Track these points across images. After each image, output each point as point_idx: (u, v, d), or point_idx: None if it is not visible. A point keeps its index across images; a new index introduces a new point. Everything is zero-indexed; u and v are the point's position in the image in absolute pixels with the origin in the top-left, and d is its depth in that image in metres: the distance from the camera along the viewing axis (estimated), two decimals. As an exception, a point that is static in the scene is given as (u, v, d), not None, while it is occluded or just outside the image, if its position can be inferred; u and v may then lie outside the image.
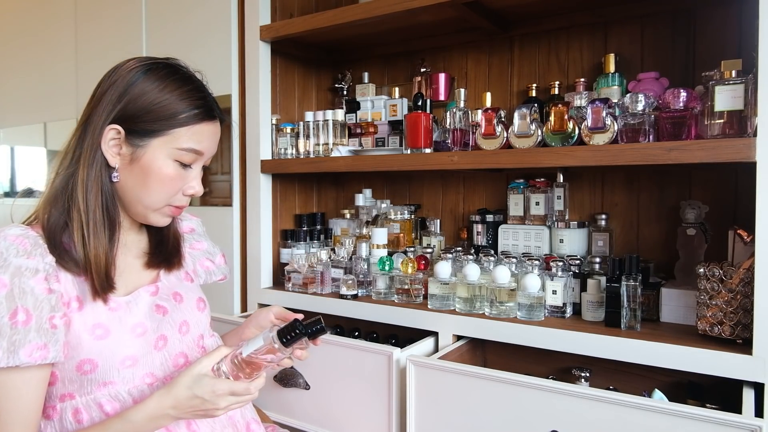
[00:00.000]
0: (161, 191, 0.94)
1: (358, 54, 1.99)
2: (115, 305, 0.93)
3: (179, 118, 0.92)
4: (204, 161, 0.99)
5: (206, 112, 0.95)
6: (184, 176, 0.95)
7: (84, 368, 0.88)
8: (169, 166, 0.93)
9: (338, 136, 1.76)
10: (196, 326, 1.05)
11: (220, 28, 1.92)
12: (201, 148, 0.95)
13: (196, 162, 0.97)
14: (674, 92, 1.18)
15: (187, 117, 0.93)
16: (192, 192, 0.98)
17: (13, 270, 0.83)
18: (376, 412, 1.30)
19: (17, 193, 3.04)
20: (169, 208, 0.97)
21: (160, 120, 0.92)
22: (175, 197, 0.97)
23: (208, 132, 0.96)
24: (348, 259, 1.65)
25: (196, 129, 0.94)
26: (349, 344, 1.35)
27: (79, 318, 0.88)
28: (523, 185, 1.61)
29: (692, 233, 1.36)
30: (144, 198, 0.94)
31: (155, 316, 0.97)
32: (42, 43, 2.75)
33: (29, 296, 0.83)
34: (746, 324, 1.09)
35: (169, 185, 0.94)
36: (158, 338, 0.96)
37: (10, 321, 0.81)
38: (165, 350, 0.97)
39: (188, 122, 0.93)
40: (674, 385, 1.24)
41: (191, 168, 0.96)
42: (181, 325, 1.01)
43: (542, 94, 1.62)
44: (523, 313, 1.31)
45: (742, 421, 0.93)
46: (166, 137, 0.92)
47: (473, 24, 1.64)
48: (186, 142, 0.93)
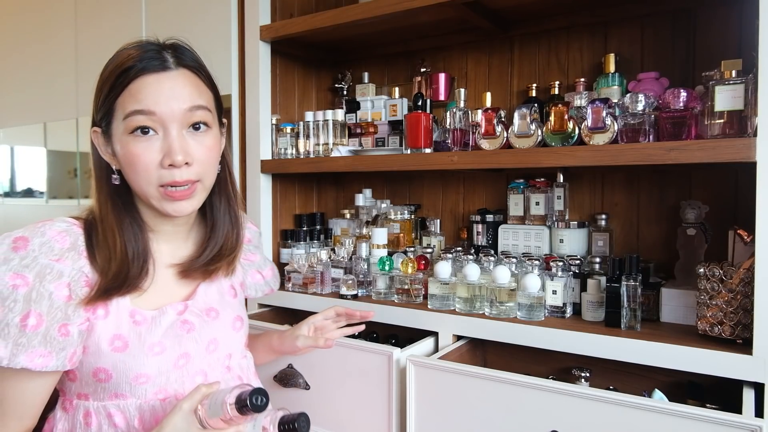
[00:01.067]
0: (139, 173, 0.85)
1: (358, 54, 1.99)
2: (141, 319, 0.89)
3: (115, 85, 0.84)
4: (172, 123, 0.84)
5: (139, 66, 0.83)
6: (150, 147, 0.84)
7: (99, 376, 0.87)
8: (129, 142, 0.84)
9: (338, 136, 1.76)
10: (227, 345, 0.99)
11: (220, 28, 1.92)
12: (144, 106, 0.83)
13: (158, 125, 0.84)
14: (674, 92, 1.18)
15: (120, 81, 0.84)
16: (169, 161, 0.84)
17: (39, 270, 0.82)
18: (376, 412, 1.30)
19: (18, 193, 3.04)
20: (164, 190, 0.86)
21: (106, 98, 0.85)
22: (159, 175, 0.85)
23: (148, 85, 0.83)
24: (348, 259, 1.65)
25: (132, 88, 0.83)
26: (349, 344, 1.35)
27: (102, 325, 0.86)
28: (523, 185, 1.61)
29: (692, 233, 1.36)
30: (137, 189, 0.88)
31: (178, 332, 0.92)
32: (42, 43, 2.75)
33: (45, 301, 0.81)
34: (746, 324, 1.09)
35: (141, 163, 0.84)
36: (180, 356, 0.91)
37: (20, 323, 0.80)
38: (185, 368, 0.92)
39: (121, 86, 0.83)
40: (674, 385, 1.24)
41: (156, 133, 0.84)
42: (209, 343, 0.96)
43: (542, 94, 1.62)
44: (523, 313, 1.31)
45: (742, 421, 0.93)
46: (116, 113, 0.85)
47: (473, 24, 1.64)
48: (128, 107, 0.83)
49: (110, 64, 0.88)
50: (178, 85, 0.85)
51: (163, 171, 0.85)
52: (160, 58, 0.85)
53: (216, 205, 1.00)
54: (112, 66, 0.87)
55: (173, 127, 0.85)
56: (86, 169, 2.67)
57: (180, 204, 0.88)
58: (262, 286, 1.20)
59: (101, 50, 2.46)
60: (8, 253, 0.82)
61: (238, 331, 1.03)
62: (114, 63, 0.87)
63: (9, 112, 2.97)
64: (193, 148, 0.87)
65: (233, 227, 1.01)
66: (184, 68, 0.87)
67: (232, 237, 1.01)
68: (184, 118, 0.86)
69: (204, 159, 0.88)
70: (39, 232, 0.84)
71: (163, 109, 0.84)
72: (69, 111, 2.63)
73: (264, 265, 1.22)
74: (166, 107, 0.84)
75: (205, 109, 0.88)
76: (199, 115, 0.87)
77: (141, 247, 0.90)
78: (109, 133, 0.87)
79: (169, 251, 0.97)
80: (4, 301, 0.80)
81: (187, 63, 0.88)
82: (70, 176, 2.74)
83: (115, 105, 0.85)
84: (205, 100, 0.89)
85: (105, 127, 0.88)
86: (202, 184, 0.90)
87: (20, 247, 0.82)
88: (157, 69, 0.84)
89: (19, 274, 0.81)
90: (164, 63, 0.85)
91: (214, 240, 0.99)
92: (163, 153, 0.84)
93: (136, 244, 0.90)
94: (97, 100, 0.88)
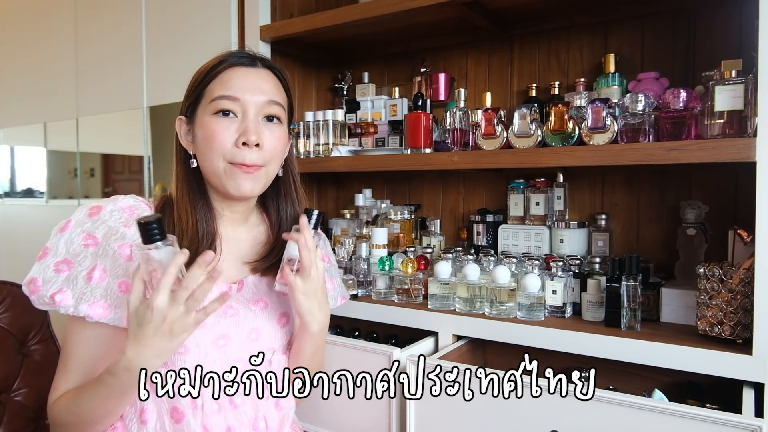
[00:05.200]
0: (214, 149, 0.94)
1: (358, 54, 1.99)
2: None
3: (207, 76, 0.96)
4: (252, 110, 0.95)
5: (232, 60, 0.96)
6: (229, 127, 0.94)
7: None
8: (211, 121, 0.94)
9: (338, 136, 1.76)
10: (270, 338, 1.01)
11: (220, 28, 1.92)
12: (231, 92, 0.94)
13: (239, 110, 0.95)
14: (674, 92, 1.18)
15: (213, 71, 0.96)
16: (245, 140, 0.93)
17: (106, 231, 0.91)
18: (377, 412, 1.30)
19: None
20: (232, 167, 0.94)
21: (196, 88, 0.97)
22: (232, 152, 0.93)
23: (237, 76, 0.95)
24: (348, 259, 1.65)
25: (223, 77, 0.95)
26: (349, 344, 1.35)
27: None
28: (523, 185, 1.61)
29: (692, 233, 1.36)
30: (208, 166, 0.95)
31: (220, 312, 0.93)
32: (42, 43, 2.75)
33: (109, 257, 0.89)
34: (746, 324, 1.09)
35: (217, 140, 0.93)
36: (219, 336, 0.94)
37: (87, 275, 0.88)
38: (225, 350, 0.94)
39: (214, 75, 0.95)
40: (674, 385, 1.24)
41: (236, 117, 0.94)
42: (251, 331, 0.98)
43: (542, 94, 1.62)
44: (523, 313, 1.31)
45: (742, 421, 0.93)
46: (203, 100, 0.96)
47: (473, 24, 1.64)
48: (216, 92, 0.94)
49: (204, 64, 0.99)
50: (262, 80, 0.98)
51: (236, 150, 0.94)
52: (250, 57, 0.99)
53: (282, 207, 1.08)
54: (205, 65, 0.99)
55: (251, 113, 0.95)
56: (86, 169, 2.67)
57: (244, 182, 0.95)
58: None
59: (101, 50, 2.46)
60: (84, 218, 0.93)
61: (282, 327, 1.04)
62: (208, 62, 0.99)
63: (9, 112, 2.97)
64: (265, 135, 0.96)
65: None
66: (268, 69, 1.00)
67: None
68: (262, 108, 0.96)
69: (272, 147, 0.97)
70: (111, 201, 0.95)
71: (247, 96, 0.95)
72: (69, 111, 2.63)
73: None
74: (249, 95, 0.95)
75: (280, 105, 0.99)
76: (274, 109, 0.98)
77: (210, 227, 0.97)
78: (194, 117, 0.97)
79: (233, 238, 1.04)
80: (76, 257, 0.90)
81: (271, 66, 1.01)
82: (70, 176, 2.74)
83: (204, 91, 0.96)
84: (281, 99, 1.00)
85: (190, 113, 0.98)
86: (266, 170, 0.98)
87: (94, 213, 0.93)
88: (246, 64, 0.97)
89: (90, 234, 0.91)
90: (253, 61, 0.99)
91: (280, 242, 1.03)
92: (239, 133, 0.94)
93: (206, 224, 0.97)
94: (188, 93, 0.99)
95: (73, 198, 2.74)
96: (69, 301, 0.87)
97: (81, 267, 0.89)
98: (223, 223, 1.02)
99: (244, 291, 1.01)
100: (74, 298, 0.87)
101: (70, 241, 0.91)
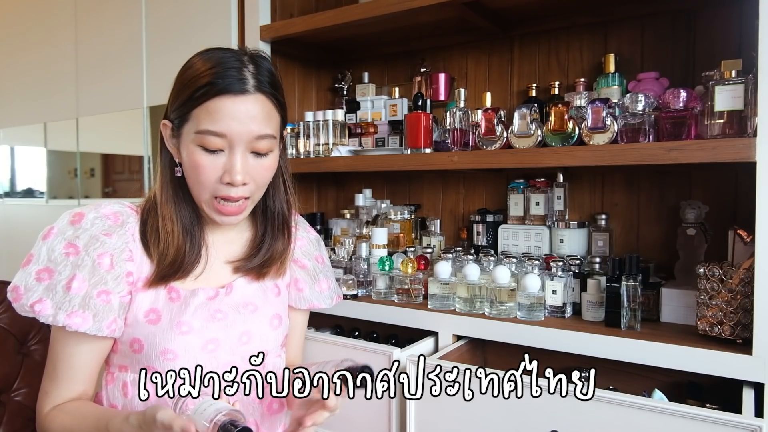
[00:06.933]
0: (199, 182, 0.90)
1: (358, 54, 1.99)
2: (176, 296, 0.94)
3: (194, 96, 0.87)
4: (240, 147, 0.88)
5: (221, 85, 0.85)
6: (215, 162, 0.88)
7: (134, 346, 0.92)
8: (195, 153, 0.88)
9: (338, 136, 1.76)
10: (261, 341, 1.00)
11: (220, 28, 1.92)
12: (218, 128, 0.86)
13: (226, 146, 0.87)
14: (674, 92, 1.18)
15: (200, 94, 0.86)
16: (228, 180, 0.88)
17: (87, 240, 0.90)
18: (377, 412, 1.30)
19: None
20: (216, 202, 0.91)
21: (183, 104, 0.89)
22: (216, 187, 0.89)
23: (227, 109, 0.86)
24: (348, 259, 1.65)
25: (210, 107, 0.86)
26: (350, 344, 1.35)
27: (143, 297, 0.92)
28: (523, 185, 1.61)
29: (692, 233, 1.36)
30: (194, 191, 0.93)
31: (206, 316, 0.95)
32: (42, 42, 2.75)
33: (88, 267, 0.89)
34: (746, 324, 1.09)
35: (203, 174, 0.88)
36: (208, 341, 0.94)
37: (66, 285, 0.88)
38: (215, 354, 0.95)
39: (201, 100, 0.86)
40: (674, 385, 1.24)
41: (222, 153, 0.88)
42: (241, 335, 0.98)
43: (542, 94, 1.62)
44: (523, 313, 1.31)
45: (742, 421, 0.93)
46: (189, 122, 0.88)
47: (473, 24, 1.64)
48: (202, 124, 0.86)
49: (191, 68, 0.90)
50: (252, 108, 0.88)
51: (221, 185, 0.90)
52: (240, 78, 0.87)
53: (271, 208, 1.04)
54: (193, 73, 0.89)
55: (239, 149, 0.88)
56: (86, 169, 2.67)
57: (227, 217, 0.93)
58: (306, 299, 1.11)
59: (101, 50, 2.46)
60: (66, 226, 0.92)
61: (275, 329, 1.04)
62: (195, 71, 0.88)
63: (9, 112, 2.97)
64: (253, 170, 0.91)
65: (285, 232, 1.05)
66: (260, 93, 0.89)
67: (284, 241, 1.05)
68: (251, 143, 0.89)
69: (260, 179, 0.93)
70: (94, 208, 0.94)
71: (234, 132, 0.87)
72: (69, 111, 2.63)
73: (317, 276, 1.13)
74: (236, 131, 0.87)
75: (271, 137, 0.91)
76: (263, 144, 0.90)
77: (197, 236, 0.96)
78: (179, 133, 0.91)
79: (222, 242, 1.02)
80: (57, 265, 0.89)
81: (264, 89, 0.90)
82: (70, 176, 2.74)
83: (190, 115, 0.88)
84: (272, 128, 0.92)
85: (176, 126, 0.91)
86: (252, 199, 0.95)
87: (76, 220, 0.92)
88: (236, 92, 0.86)
89: (71, 243, 0.90)
90: (244, 85, 0.87)
91: (266, 243, 1.03)
92: (225, 170, 0.89)
93: (192, 232, 0.96)
94: (173, 100, 0.92)
95: (73, 198, 2.74)
96: (48, 311, 0.87)
97: (61, 276, 0.88)
98: (211, 228, 1.00)
99: (233, 295, 0.99)
100: (53, 307, 0.87)
101: (52, 249, 0.90)
